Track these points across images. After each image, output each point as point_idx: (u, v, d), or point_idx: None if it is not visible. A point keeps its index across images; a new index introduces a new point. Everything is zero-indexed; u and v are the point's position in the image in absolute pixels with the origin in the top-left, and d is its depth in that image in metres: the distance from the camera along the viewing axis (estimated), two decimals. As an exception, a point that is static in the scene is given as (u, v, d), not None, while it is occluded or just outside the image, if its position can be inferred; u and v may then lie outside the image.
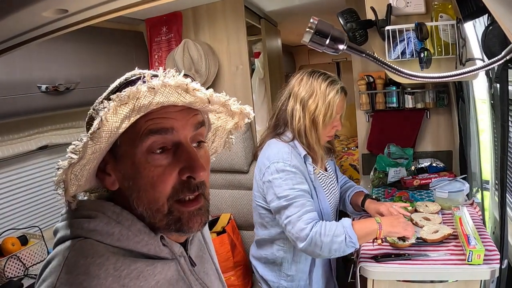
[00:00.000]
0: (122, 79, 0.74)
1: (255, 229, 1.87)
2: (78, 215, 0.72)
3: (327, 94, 1.65)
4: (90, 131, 0.62)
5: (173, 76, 0.64)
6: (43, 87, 1.88)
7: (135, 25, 2.70)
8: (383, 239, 1.63)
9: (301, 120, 1.66)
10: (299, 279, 1.77)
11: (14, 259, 1.94)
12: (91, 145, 0.63)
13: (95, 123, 0.62)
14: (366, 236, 1.57)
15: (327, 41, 0.72)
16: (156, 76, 0.65)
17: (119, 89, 0.72)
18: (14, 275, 1.93)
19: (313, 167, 1.73)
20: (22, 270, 1.96)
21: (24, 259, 1.98)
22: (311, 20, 0.71)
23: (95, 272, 0.65)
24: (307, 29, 0.71)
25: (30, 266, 2.00)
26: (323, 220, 1.58)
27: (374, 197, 1.94)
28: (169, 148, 0.71)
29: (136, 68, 0.75)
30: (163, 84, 0.62)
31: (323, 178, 1.81)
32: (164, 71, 0.65)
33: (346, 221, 1.57)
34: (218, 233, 2.41)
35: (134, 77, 0.73)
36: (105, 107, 0.61)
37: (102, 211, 0.72)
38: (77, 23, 0.84)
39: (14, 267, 1.94)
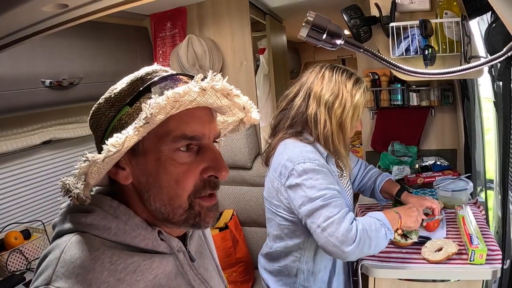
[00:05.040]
0: (136, 77, 0.75)
1: (268, 240, 1.71)
2: (75, 209, 0.73)
3: (354, 95, 1.50)
4: (136, 125, 0.63)
5: (220, 80, 0.68)
6: (47, 82, 1.88)
7: (139, 20, 2.69)
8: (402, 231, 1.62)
9: (327, 125, 1.48)
10: None
11: (17, 253, 1.95)
12: (133, 138, 0.64)
13: (142, 117, 0.63)
14: (393, 228, 1.50)
15: (324, 36, 0.72)
16: (191, 77, 0.69)
17: (134, 88, 0.73)
18: (17, 269, 1.94)
19: (338, 171, 1.61)
20: (25, 264, 1.97)
21: (26, 253, 1.99)
22: (308, 15, 0.71)
23: (91, 265, 0.65)
24: (304, 24, 0.71)
25: (32, 260, 2.01)
26: None
27: (411, 191, 1.92)
28: (193, 146, 0.73)
29: (139, 62, 0.75)
30: (211, 87, 0.67)
31: (343, 179, 1.69)
32: (213, 73, 0.68)
33: (379, 214, 1.49)
34: (221, 229, 2.41)
35: (156, 77, 0.74)
36: (157, 102, 0.62)
37: (99, 206, 0.72)
38: (77, 18, 0.84)
39: (17, 261, 1.95)
